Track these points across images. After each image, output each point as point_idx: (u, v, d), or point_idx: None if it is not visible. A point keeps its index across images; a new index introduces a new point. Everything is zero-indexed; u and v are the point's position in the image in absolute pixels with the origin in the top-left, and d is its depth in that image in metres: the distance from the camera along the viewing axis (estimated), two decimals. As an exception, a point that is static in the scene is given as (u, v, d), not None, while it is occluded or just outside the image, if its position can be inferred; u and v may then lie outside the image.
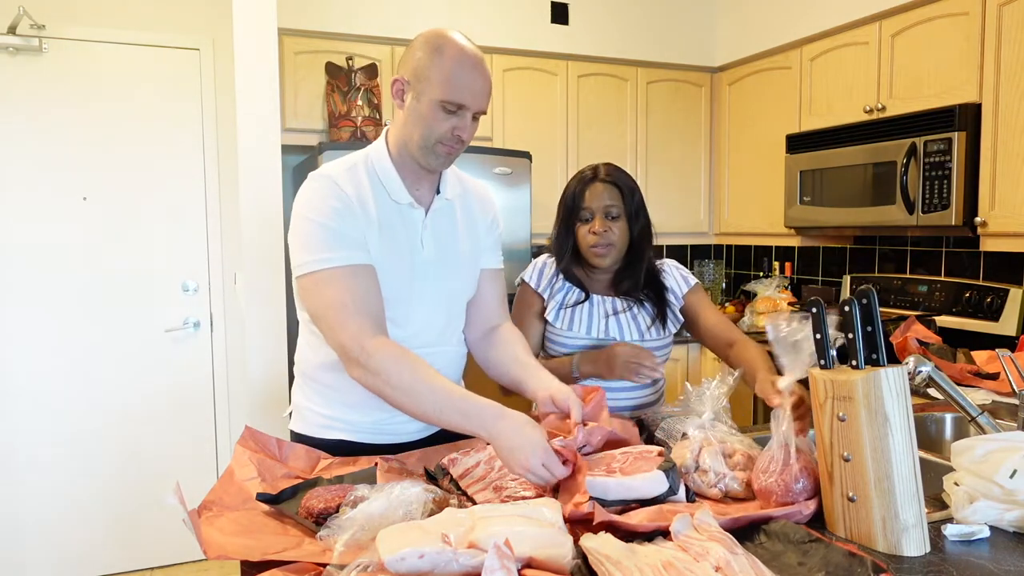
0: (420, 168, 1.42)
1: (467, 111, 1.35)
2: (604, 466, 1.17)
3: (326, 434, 1.45)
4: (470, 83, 1.33)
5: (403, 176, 1.42)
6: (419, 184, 1.45)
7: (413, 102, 1.35)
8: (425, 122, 1.34)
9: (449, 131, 1.35)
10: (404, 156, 1.41)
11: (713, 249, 4.18)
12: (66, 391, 3.00)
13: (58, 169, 2.94)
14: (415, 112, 1.35)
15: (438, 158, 1.38)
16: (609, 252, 1.70)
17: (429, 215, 1.45)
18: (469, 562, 0.86)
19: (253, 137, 2.40)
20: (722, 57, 3.73)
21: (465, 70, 1.32)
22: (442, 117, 1.33)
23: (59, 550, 3.01)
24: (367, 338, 1.27)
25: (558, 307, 1.75)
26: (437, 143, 1.36)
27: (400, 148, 1.41)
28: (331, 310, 1.29)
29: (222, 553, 1.00)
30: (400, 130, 1.40)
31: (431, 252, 1.44)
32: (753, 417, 2.95)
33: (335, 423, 1.46)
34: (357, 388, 1.33)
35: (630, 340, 1.71)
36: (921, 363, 1.40)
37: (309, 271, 1.32)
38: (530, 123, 3.43)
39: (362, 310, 1.30)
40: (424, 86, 1.33)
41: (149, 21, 3.03)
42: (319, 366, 1.45)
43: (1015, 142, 2.33)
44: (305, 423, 1.49)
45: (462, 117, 1.35)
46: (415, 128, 1.36)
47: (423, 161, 1.39)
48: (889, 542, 1.00)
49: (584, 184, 1.72)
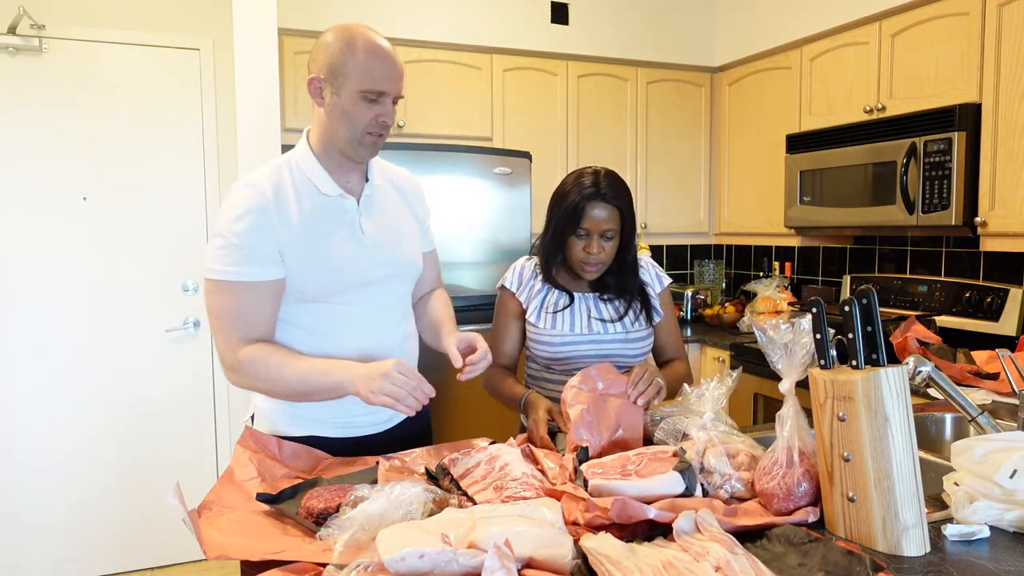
0: (347, 161, 1.47)
1: (387, 97, 1.40)
2: (619, 468, 1.17)
3: (295, 431, 1.48)
4: (386, 70, 1.38)
5: (330, 171, 1.47)
6: (348, 177, 1.50)
7: (333, 98, 1.40)
8: (348, 115, 1.39)
9: (374, 119, 1.40)
10: (330, 152, 1.46)
11: (713, 249, 4.18)
12: (66, 391, 3.00)
13: (58, 169, 2.94)
14: (337, 107, 1.40)
15: (366, 148, 1.44)
16: (600, 269, 1.71)
17: (362, 202, 1.50)
18: (469, 562, 0.86)
19: (253, 137, 2.40)
20: (722, 57, 3.73)
21: (380, 59, 1.38)
22: (364, 107, 1.39)
23: (59, 550, 3.01)
24: (238, 348, 1.38)
25: (539, 309, 1.75)
26: (364, 133, 1.41)
27: (325, 145, 1.45)
28: (214, 318, 1.40)
29: (222, 553, 1.00)
30: (324, 127, 1.44)
31: (373, 235, 1.49)
32: (753, 417, 2.95)
33: (300, 420, 1.49)
34: None
35: (616, 335, 1.73)
36: (921, 363, 1.40)
37: (208, 277, 1.39)
38: (530, 123, 3.43)
39: (240, 324, 1.38)
40: (342, 80, 1.38)
41: (149, 21, 3.03)
42: None
43: (1015, 142, 2.33)
44: (270, 423, 1.51)
45: (383, 104, 1.40)
46: (340, 123, 1.41)
47: (352, 153, 1.44)
48: (889, 542, 1.00)
49: (584, 200, 1.64)
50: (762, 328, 1.17)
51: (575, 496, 1.10)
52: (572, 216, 1.65)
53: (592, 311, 1.75)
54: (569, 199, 1.66)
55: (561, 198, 1.70)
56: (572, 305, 1.74)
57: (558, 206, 1.70)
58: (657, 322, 1.81)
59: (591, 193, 1.64)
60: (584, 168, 1.72)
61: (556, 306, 1.75)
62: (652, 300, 1.80)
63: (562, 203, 1.69)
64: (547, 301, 1.76)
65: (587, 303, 1.76)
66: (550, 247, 1.72)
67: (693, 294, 3.78)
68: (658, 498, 1.10)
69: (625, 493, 1.10)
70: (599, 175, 1.68)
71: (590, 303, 1.76)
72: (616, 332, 1.74)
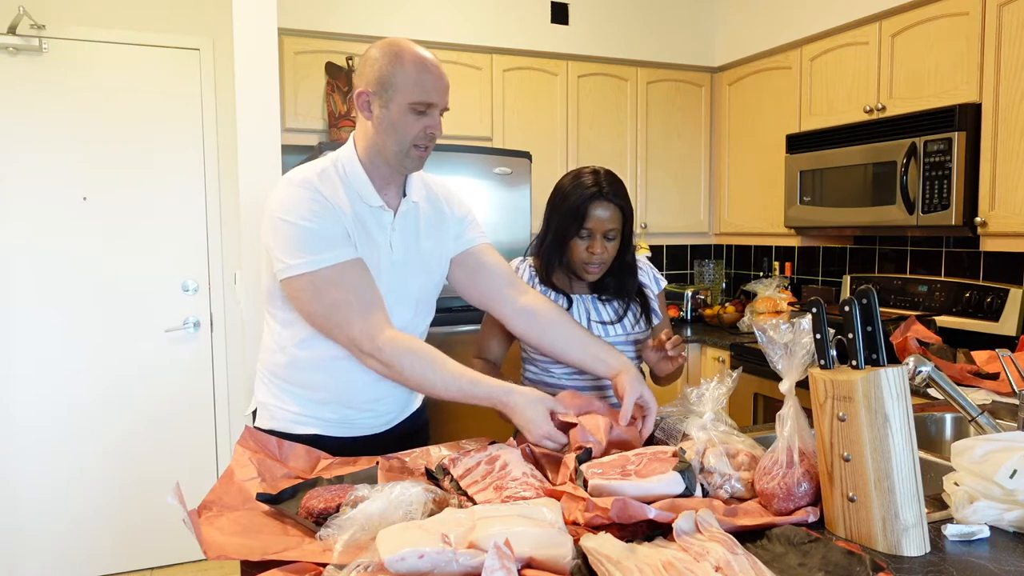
0: (391, 173, 1.48)
1: (435, 109, 1.42)
2: (619, 468, 1.17)
3: (298, 429, 1.49)
4: (435, 82, 1.41)
5: (372, 180, 1.47)
6: (387, 189, 1.50)
7: (382, 111, 1.41)
8: (397, 127, 1.41)
9: (422, 131, 1.41)
10: (376, 163, 1.46)
11: (713, 249, 4.18)
12: (66, 391, 3.00)
13: (58, 169, 2.94)
14: (385, 120, 1.41)
15: (413, 160, 1.45)
16: (602, 270, 1.70)
17: (397, 218, 1.50)
18: (469, 562, 0.86)
19: (253, 137, 2.40)
20: (722, 57, 3.73)
21: (428, 71, 1.40)
22: (412, 119, 1.40)
23: (59, 550, 3.01)
24: (377, 333, 1.35)
25: None
26: (411, 146, 1.42)
27: (372, 156, 1.46)
28: (334, 309, 1.36)
29: (222, 553, 1.00)
30: (371, 140, 1.45)
31: (399, 253, 1.50)
32: (753, 417, 2.95)
33: (306, 419, 1.49)
34: (326, 387, 1.47)
35: (616, 337, 1.72)
36: (921, 363, 1.40)
37: (301, 272, 1.35)
38: (530, 123, 3.43)
39: (366, 306, 1.36)
40: (391, 93, 1.39)
41: (149, 21, 3.03)
42: (287, 365, 1.49)
43: (1015, 142, 2.33)
44: (274, 420, 1.51)
45: (431, 116, 1.42)
46: (388, 136, 1.42)
47: (398, 166, 1.45)
48: (889, 542, 1.00)
49: (586, 200, 1.63)
50: (762, 328, 1.17)
51: (575, 496, 1.10)
52: (574, 217, 1.63)
53: (591, 313, 1.74)
54: (570, 200, 1.64)
55: (561, 199, 1.67)
56: (571, 308, 1.73)
57: (558, 207, 1.68)
58: (656, 323, 1.81)
59: (593, 193, 1.63)
60: (582, 168, 1.70)
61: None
62: (651, 302, 1.80)
63: (563, 204, 1.66)
64: None
65: (585, 305, 1.75)
66: (551, 249, 1.70)
67: (693, 294, 3.78)
68: (658, 498, 1.10)
69: (625, 493, 1.10)
70: (599, 174, 1.66)
71: (588, 304, 1.75)
72: (617, 334, 1.73)
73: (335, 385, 1.48)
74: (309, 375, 1.47)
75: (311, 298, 1.36)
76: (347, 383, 1.47)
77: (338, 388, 1.48)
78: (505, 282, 1.61)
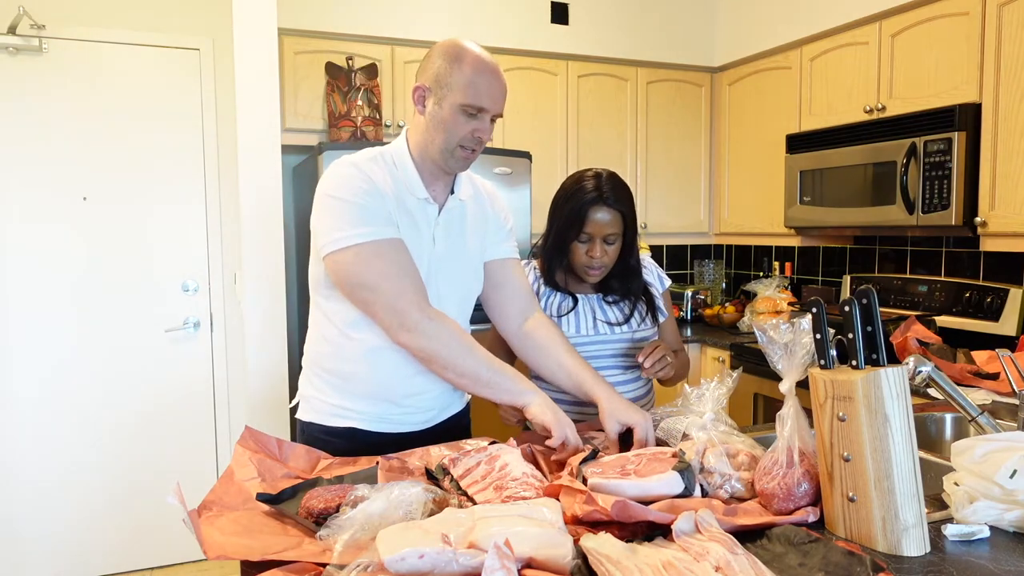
0: (438, 170, 1.49)
1: (486, 114, 1.43)
2: (618, 468, 1.17)
3: (336, 422, 1.51)
4: (489, 88, 1.41)
5: (421, 174, 1.49)
6: (435, 184, 1.51)
7: (435, 108, 1.43)
8: (446, 126, 1.42)
9: (470, 133, 1.43)
10: (424, 158, 1.48)
11: (713, 249, 4.18)
12: (66, 391, 3.00)
13: (58, 169, 2.94)
14: (436, 117, 1.43)
15: (458, 161, 1.46)
16: (603, 272, 1.71)
17: (442, 213, 1.52)
18: (469, 562, 0.86)
19: (253, 137, 2.40)
20: (722, 57, 3.73)
21: (484, 76, 1.41)
22: (463, 121, 1.42)
23: (59, 550, 3.01)
24: (425, 305, 1.39)
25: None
26: (458, 147, 1.44)
27: (421, 151, 1.48)
28: (383, 278, 1.37)
29: (222, 553, 0.99)
30: (421, 135, 1.47)
31: (442, 248, 1.51)
32: (753, 417, 2.95)
33: (345, 412, 1.51)
34: (368, 380, 1.48)
35: (622, 336, 1.73)
36: (921, 363, 1.40)
37: (349, 244, 1.36)
38: (530, 123, 3.43)
39: (414, 280, 1.40)
40: (445, 92, 1.41)
41: (149, 21, 3.03)
42: (331, 356, 1.51)
43: (1015, 142, 2.33)
44: (315, 412, 1.54)
45: (481, 120, 1.43)
46: (437, 133, 1.43)
47: (443, 164, 1.47)
48: (889, 542, 1.00)
49: (586, 205, 1.64)
50: (762, 328, 1.17)
51: (573, 488, 1.09)
52: (574, 220, 1.65)
53: (596, 313, 1.75)
54: (571, 203, 1.66)
55: (563, 202, 1.69)
56: (576, 308, 1.74)
57: (559, 210, 1.69)
58: (661, 321, 1.81)
59: (593, 197, 1.64)
60: (584, 171, 1.71)
61: (560, 310, 1.75)
62: (657, 300, 1.81)
63: (564, 207, 1.68)
64: (550, 305, 1.76)
65: (591, 304, 1.76)
66: (552, 251, 1.72)
67: (693, 294, 3.78)
68: (657, 498, 1.10)
69: (624, 493, 1.09)
70: (601, 178, 1.67)
71: (594, 304, 1.76)
72: (623, 333, 1.74)
73: (377, 378, 1.49)
74: (352, 366, 1.49)
75: (357, 270, 1.37)
76: (388, 375, 1.49)
77: (379, 381, 1.49)
78: (520, 304, 1.64)
